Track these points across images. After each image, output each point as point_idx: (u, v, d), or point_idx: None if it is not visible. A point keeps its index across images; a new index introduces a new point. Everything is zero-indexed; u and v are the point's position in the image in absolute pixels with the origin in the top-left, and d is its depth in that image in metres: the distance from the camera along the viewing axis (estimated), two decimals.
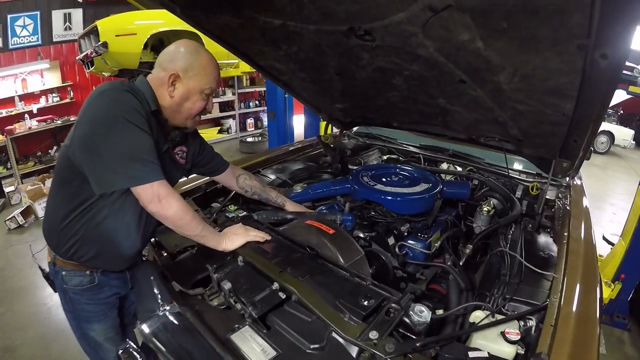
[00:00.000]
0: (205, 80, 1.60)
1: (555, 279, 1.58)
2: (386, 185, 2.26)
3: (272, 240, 1.81)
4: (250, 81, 10.12)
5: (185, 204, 1.55)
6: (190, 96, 1.60)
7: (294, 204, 2.27)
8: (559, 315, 1.34)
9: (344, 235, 1.78)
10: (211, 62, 1.62)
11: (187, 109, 1.62)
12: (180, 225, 1.54)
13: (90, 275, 1.68)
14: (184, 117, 1.65)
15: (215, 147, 2.16)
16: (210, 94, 1.65)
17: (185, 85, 1.58)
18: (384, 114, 2.75)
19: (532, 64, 1.49)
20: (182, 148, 1.87)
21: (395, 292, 1.48)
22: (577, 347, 1.21)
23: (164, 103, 1.60)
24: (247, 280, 1.57)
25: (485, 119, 2.16)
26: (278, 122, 6.06)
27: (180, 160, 1.86)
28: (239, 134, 9.97)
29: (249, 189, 2.18)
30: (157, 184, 1.45)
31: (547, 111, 1.78)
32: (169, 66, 1.58)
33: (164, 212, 1.48)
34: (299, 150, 3.28)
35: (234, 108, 9.97)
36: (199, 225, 1.59)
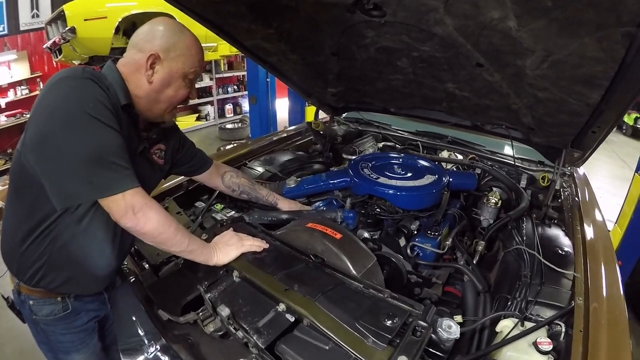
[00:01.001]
0: (190, 62, 1.37)
1: (576, 278, 1.51)
2: (390, 178, 2.07)
3: (270, 249, 1.60)
4: (228, 65, 9.71)
5: (167, 214, 1.32)
6: (172, 81, 1.36)
7: (287, 200, 2.07)
8: (588, 319, 1.28)
9: (353, 240, 1.59)
10: (196, 42, 1.40)
11: (168, 97, 1.39)
12: (162, 241, 1.31)
13: (63, 302, 1.45)
14: (163, 107, 1.41)
15: (194, 135, 1.91)
16: (194, 80, 1.43)
17: (167, 68, 1.34)
18: (382, 99, 2.55)
19: (567, 49, 1.35)
20: (160, 146, 1.61)
21: (417, 304, 1.33)
22: (611, 354, 1.16)
23: (139, 92, 1.35)
24: (246, 300, 1.36)
25: (497, 106, 1.99)
26: (260, 107, 5.79)
27: (158, 160, 1.60)
28: (217, 120, 9.57)
29: (237, 187, 1.96)
30: (130, 194, 1.21)
31: (570, 100, 1.65)
32: (146, 46, 1.33)
33: (141, 228, 1.24)
34: (287, 139, 3.05)
35: (212, 94, 9.57)
36: (184, 239, 1.36)
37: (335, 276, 1.45)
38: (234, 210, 2.11)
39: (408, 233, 1.88)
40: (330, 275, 1.46)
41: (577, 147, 2.01)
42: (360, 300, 1.34)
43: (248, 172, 2.52)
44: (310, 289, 1.34)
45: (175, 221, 1.33)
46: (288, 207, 2.02)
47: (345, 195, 2.21)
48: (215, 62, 9.09)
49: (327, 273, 1.47)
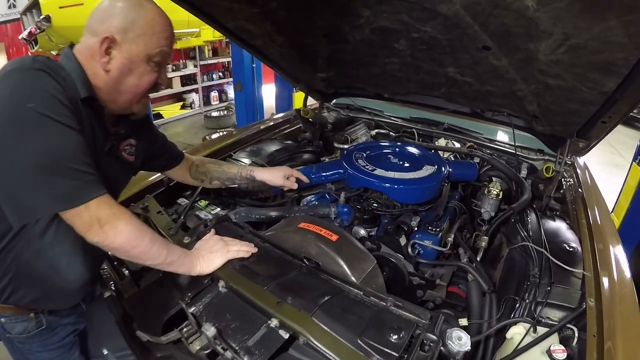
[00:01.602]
0: (154, 41, 1.16)
1: (586, 277, 1.44)
2: (387, 170, 1.93)
3: (259, 254, 1.46)
4: (212, 52, 9.39)
5: (140, 224, 1.16)
6: (134, 67, 1.16)
7: (264, 170, 1.87)
8: (601, 322, 1.22)
9: (350, 241, 1.45)
10: (160, 16, 1.18)
11: (131, 86, 1.19)
12: (136, 255, 1.16)
13: (36, 318, 1.31)
14: (127, 98, 1.21)
15: (178, 124, 1.73)
16: (162, 62, 1.22)
17: (125, 52, 1.14)
18: (376, 84, 2.40)
19: (589, 33, 1.23)
20: (130, 141, 1.41)
21: (423, 312, 1.22)
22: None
23: (98, 82, 1.15)
24: (234, 314, 1.23)
25: (500, 92, 1.87)
26: (246, 94, 5.56)
27: (128, 157, 1.41)
28: (203, 108, 9.25)
29: (205, 176, 1.77)
30: (94, 204, 1.05)
31: (582, 88, 1.54)
32: (100, 28, 1.12)
33: (110, 242, 1.09)
34: (274, 128, 2.88)
35: (197, 81, 9.23)
36: (161, 251, 1.20)
37: (332, 283, 1.33)
38: (220, 207, 1.95)
39: (408, 230, 1.76)
40: (327, 282, 1.33)
41: (583, 137, 1.91)
42: (361, 311, 1.21)
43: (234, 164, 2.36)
44: (305, 301, 1.21)
45: (150, 231, 1.18)
46: (269, 175, 1.84)
47: (339, 189, 2.08)
48: (199, 48, 8.74)
49: (323, 279, 1.35)
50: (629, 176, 3.31)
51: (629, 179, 3.29)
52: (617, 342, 1.14)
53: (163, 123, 8.04)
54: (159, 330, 1.25)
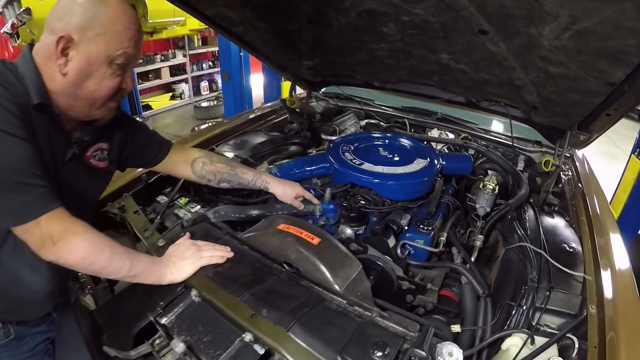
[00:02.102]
0: (115, 42, 1.04)
1: (587, 281, 1.35)
2: (376, 164, 1.81)
3: (235, 259, 1.34)
4: (202, 41, 9.22)
5: (98, 237, 1.08)
6: (92, 70, 1.04)
7: (281, 182, 1.71)
8: (603, 331, 1.14)
9: (333, 245, 1.34)
10: (125, 13, 1.05)
11: (90, 91, 1.07)
12: (95, 270, 1.10)
13: (4, 328, 1.25)
14: (85, 105, 1.09)
15: (168, 115, 1.57)
16: (126, 65, 1.09)
17: (83, 54, 1.02)
18: (364, 71, 2.26)
19: (598, 15, 1.11)
20: (100, 145, 1.29)
21: (412, 323, 1.13)
22: None
23: (54, 87, 1.04)
24: (207, 326, 1.14)
25: (497, 81, 1.74)
26: (233, 84, 5.40)
27: (99, 163, 1.29)
28: (193, 98, 9.09)
29: (213, 176, 1.61)
30: (45, 220, 0.98)
31: (587, 77, 1.43)
32: (57, 25, 1.00)
33: (65, 260, 1.02)
34: (260, 118, 2.74)
35: (186, 71, 9.05)
36: (123, 264, 1.12)
37: (312, 290, 1.22)
38: (200, 204, 1.83)
39: (398, 229, 1.64)
40: (307, 290, 1.22)
41: (584, 129, 1.79)
42: (344, 323, 1.11)
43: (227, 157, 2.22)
44: (281, 314, 1.11)
45: (110, 243, 1.10)
46: (282, 191, 1.69)
47: (325, 184, 1.95)
48: (189, 37, 8.55)
49: (303, 287, 1.24)
50: (627, 169, 3.21)
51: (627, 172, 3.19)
52: (621, 355, 1.06)
53: (152, 114, 7.87)
54: (130, 342, 1.17)
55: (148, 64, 7.85)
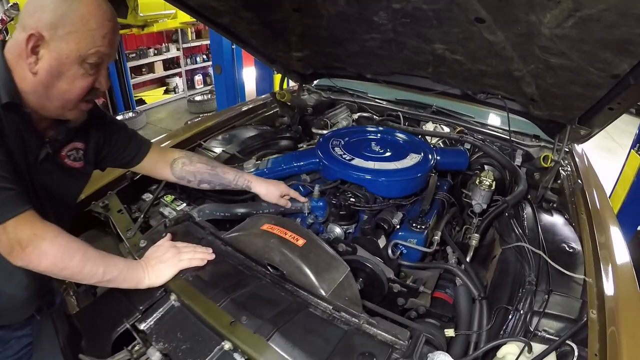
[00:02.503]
0: (87, 40, 0.99)
1: (588, 283, 1.29)
2: (367, 160, 1.74)
3: (217, 261, 1.27)
4: (196, 34, 9.07)
5: (69, 241, 1.04)
6: (64, 70, 0.99)
7: (264, 181, 1.64)
8: (604, 339, 1.08)
9: (319, 246, 1.26)
10: (98, 10, 1.00)
11: (61, 92, 1.03)
12: (67, 276, 1.06)
13: None
14: (57, 105, 1.05)
15: (162, 110, 1.48)
16: (99, 64, 1.05)
17: (54, 52, 0.97)
18: (356, 63, 2.18)
19: (604, 2, 1.04)
20: (76, 145, 1.23)
21: (402, 331, 1.07)
22: None
23: (25, 86, 1.00)
24: (186, 333, 1.09)
25: (494, 72, 1.66)
26: (226, 77, 5.33)
27: (74, 164, 1.23)
28: (187, 92, 8.96)
29: (193, 177, 1.54)
30: (12, 225, 0.95)
31: (590, 69, 1.34)
32: (29, 22, 0.96)
33: (35, 265, 0.99)
34: (250, 112, 2.65)
35: (180, 65, 8.91)
36: (96, 269, 1.07)
37: (297, 295, 1.16)
38: (186, 202, 1.76)
39: (389, 228, 1.57)
40: (292, 295, 1.16)
41: (585, 123, 1.71)
42: (328, 331, 1.05)
43: (204, 154, 2.15)
44: (262, 322, 1.05)
45: (82, 248, 1.06)
46: (265, 190, 1.62)
47: (315, 180, 1.88)
48: (182, 31, 8.40)
49: (287, 291, 1.17)
50: (626, 165, 3.14)
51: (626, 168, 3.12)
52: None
53: (146, 109, 7.76)
54: (109, 348, 1.13)
55: (141, 58, 7.72)
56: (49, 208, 1.13)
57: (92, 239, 1.67)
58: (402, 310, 1.39)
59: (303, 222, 1.72)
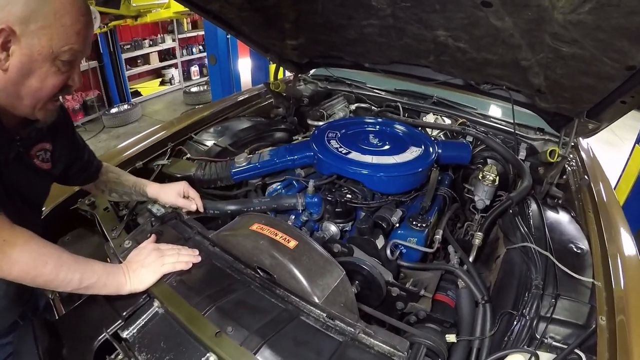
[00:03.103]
0: (61, 36, 0.93)
1: (597, 287, 1.21)
2: (364, 153, 1.64)
3: (203, 264, 1.19)
4: (192, 24, 8.93)
5: (41, 246, 0.98)
6: (35, 67, 0.94)
7: (155, 185, 1.53)
8: (614, 348, 1.01)
9: (311, 248, 1.17)
10: (73, 5, 0.93)
11: (32, 90, 0.97)
12: (41, 283, 0.99)
13: None
14: (28, 104, 1.00)
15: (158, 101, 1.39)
16: (72, 61, 0.99)
17: (26, 48, 0.91)
18: (353, 52, 2.07)
19: None
20: (44, 146, 1.18)
21: (401, 340, 0.99)
22: None
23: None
24: (170, 343, 1.02)
25: (500, 61, 1.57)
26: (221, 68, 5.21)
27: (43, 165, 1.17)
28: (183, 84, 8.84)
29: (105, 186, 1.49)
30: None
31: (603, 59, 1.24)
32: None
33: (6, 274, 0.93)
34: (244, 103, 2.56)
35: (176, 56, 8.75)
36: (73, 275, 1.01)
37: (288, 301, 1.08)
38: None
39: (388, 227, 1.48)
40: (283, 301, 1.08)
41: (594, 117, 1.61)
42: (322, 343, 0.97)
43: (194, 147, 2.06)
44: (249, 332, 0.97)
45: (56, 253, 1.00)
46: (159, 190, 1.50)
47: (310, 175, 1.79)
48: (178, 21, 8.24)
49: (278, 297, 1.09)
50: (630, 160, 3.04)
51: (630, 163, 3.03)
52: None
53: (141, 101, 7.63)
54: (90, 358, 1.07)
55: (136, 49, 7.57)
56: (22, 211, 1.08)
57: (79, 238, 1.60)
58: (401, 315, 1.32)
59: (297, 219, 1.63)
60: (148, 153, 1.93)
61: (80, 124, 6.27)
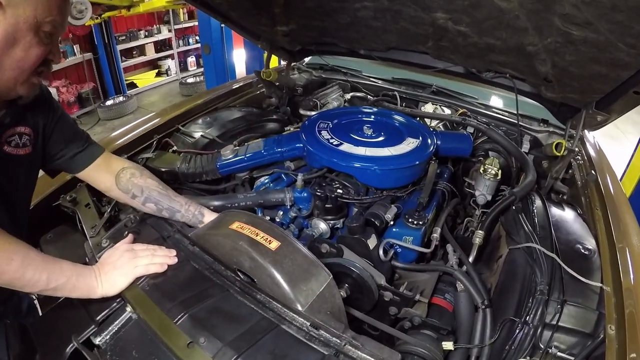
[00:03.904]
0: (45, 7, 0.93)
1: (605, 292, 1.12)
2: (357, 145, 1.54)
3: (180, 265, 1.10)
4: (188, 15, 8.78)
5: (8, 242, 0.95)
6: (19, 37, 0.93)
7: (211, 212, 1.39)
8: None
9: (295, 250, 1.07)
10: None
11: (16, 60, 0.95)
12: (7, 282, 0.95)
13: None
14: (11, 75, 0.96)
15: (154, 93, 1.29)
16: (53, 34, 0.98)
17: (11, 18, 0.90)
18: (347, 37, 1.95)
19: None
20: (21, 129, 1.11)
21: (390, 352, 0.90)
22: None
23: None
24: (142, 352, 0.95)
25: (504, 47, 1.45)
26: (215, 58, 5.10)
27: (15, 151, 1.10)
28: (179, 75, 8.75)
29: (140, 192, 1.30)
30: None
31: (618, 45, 1.12)
32: None
33: None
34: (235, 92, 2.45)
35: (172, 47, 8.66)
36: (39, 275, 0.97)
37: (269, 307, 0.98)
38: None
39: (381, 224, 1.38)
40: (263, 308, 0.98)
41: (603, 109, 1.49)
42: (303, 356, 0.87)
43: (182, 139, 1.96)
44: (223, 344, 0.88)
45: (23, 250, 0.96)
46: None
47: (300, 168, 1.69)
48: (174, 11, 8.11)
49: (258, 302, 1.00)
50: (635, 156, 2.93)
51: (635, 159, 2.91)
52: None
53: (137, 92, 7.53)
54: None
55: (132, 40, 7.43)
56: None
57: (62, 236, 1.51)
58: (394, 321, 1.23)
59: (285, 216, 1.54)
60: (133, 146, 1.82)
61: (76, 116, 6.16)
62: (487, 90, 2.27)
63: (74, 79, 6.46)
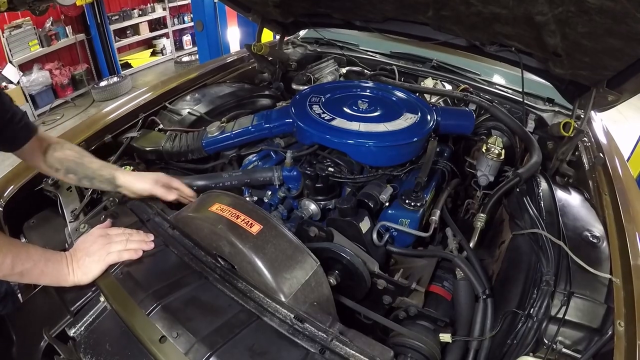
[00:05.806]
0: None
1: (614, 284, 1.04)
2: (350, 120, 1.42)
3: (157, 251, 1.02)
4: None
5: None
6: None
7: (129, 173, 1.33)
8: None
9: (278, 234, 0.98)
10: None
11: None
12: None
13: None
14: None
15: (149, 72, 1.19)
16: None
17: None
18: (342, 7, 1.81)
19: None
20: None
21: (381, 349, 0.82)
22: None
23: None
24: (115, 346, 0.90)
25: (510, 16, 1.32)
26: (208, 34, 4.94)
27: None
28: (175, 54, 8.56)
29: (60, 164, 1.25)
30: None
31: (636, 15, 1.00)
32: None
33: None
34: (225, 68, 2.32)
35: (167, 25, 8.41)
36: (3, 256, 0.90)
37: (250, 297, 0.90)
38: None
39: (375, 206, 1.29)
40: (243, 297, 0.90)
41: (615, 87, 1.38)
42: (285, 354, 0.80)
43: (168, 117, 1.86)
44: (196, 340, 0.79)
45: None
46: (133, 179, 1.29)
47: (290, 145, 1.59)
48: None
49: (239, 291, 0.92)
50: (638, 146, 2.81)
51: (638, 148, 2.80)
52: None
53: (132, 73, 7.36)
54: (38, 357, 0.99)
55: (125, 19, 7.20)
56: None
57: (45, 221, 1.45)
58: (388, 311, 1.15)
59: (274, 196, 1.44)
60: (118, 125, 1.74)
61: (70, 99, 6.05)
62: (490, 67, 2.15)
63: (67, 61, 6.30)
